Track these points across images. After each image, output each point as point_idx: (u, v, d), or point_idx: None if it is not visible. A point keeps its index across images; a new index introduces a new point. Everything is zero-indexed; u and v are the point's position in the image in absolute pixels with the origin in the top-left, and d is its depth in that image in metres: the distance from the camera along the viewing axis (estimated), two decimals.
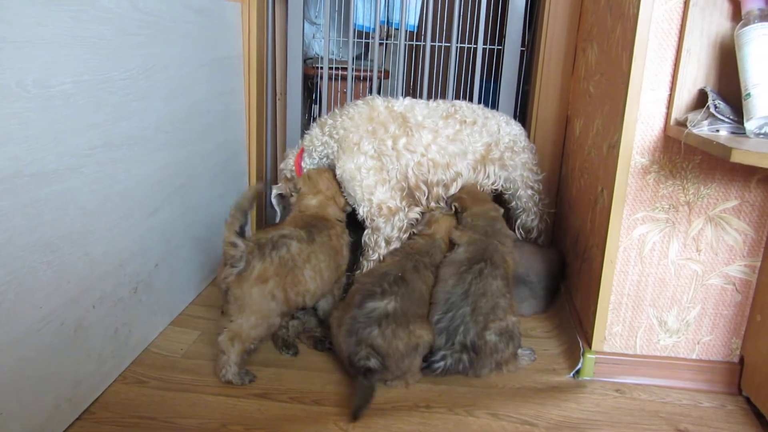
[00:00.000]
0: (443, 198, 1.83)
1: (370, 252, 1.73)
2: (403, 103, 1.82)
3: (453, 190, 1.82)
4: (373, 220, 1.72)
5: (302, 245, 1.50)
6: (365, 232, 1.75)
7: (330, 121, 1.81)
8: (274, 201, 1.90)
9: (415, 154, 1.76)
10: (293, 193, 1.77)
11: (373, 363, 1.36)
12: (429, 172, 1.78)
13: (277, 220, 1.88)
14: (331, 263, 1.58)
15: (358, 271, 1.75)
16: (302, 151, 1.88)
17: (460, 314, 1.45)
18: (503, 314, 1.48)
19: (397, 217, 1.71)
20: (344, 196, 1.76)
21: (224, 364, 1.44)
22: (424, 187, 1.79)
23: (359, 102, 1.82)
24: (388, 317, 1.40)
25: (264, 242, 1.44)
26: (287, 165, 1.90)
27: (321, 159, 1.82)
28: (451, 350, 1.44)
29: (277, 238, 1.47)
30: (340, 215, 1.73)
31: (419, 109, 1.81)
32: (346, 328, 1.42)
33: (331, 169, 1.81)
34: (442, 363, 1.43)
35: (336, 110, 1.84)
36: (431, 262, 1.62)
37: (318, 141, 1.82)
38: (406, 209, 1.74)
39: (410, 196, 1.79)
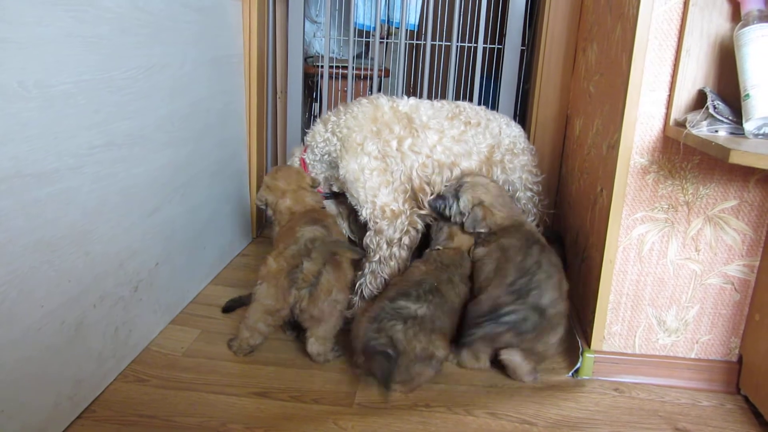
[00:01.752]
0: None
1: (372, 253, 1.73)
2: (408, 103, 1.80)
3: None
4: (377, 222, 1.71)
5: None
6: (367, 233, 1.74)
7: (333, 119, 1.79)
8: None
9: (420, 155, 1.74)
10: (264, 207, 1.79)
11: (391, 351, 1.35)
12: (434, 173, 1.76)
13: None
14: None
15: (359, 273, 1.75)
16: (306, 148, 1.88)
17: (536, 280, 1.43)
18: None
19: (399, 220, 1.70)
20: (311, 177, 1.81)
21: (325, 359, 1.56)
22: (427, 189, 1.77)
23: (363, 101, 1.80)
24: (415, 319, 1.40)
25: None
26: (294, 163, 1.90)
27: (322, 155, 1.81)
28: (522, 306, 1.41)
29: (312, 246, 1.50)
30: (320, 200, 1.75)
31: (424, 109, 1.79)
32: (371, 314, 1.42)
33: (296, 167, 1.84)
34: (512, 317, 1.39)
35: (340, 107, 1.82)
36: (463, 274, 1.61)
37: (320, 137, 1.81)
38: (408, 212, 1.73)
39: (412, 198, 1.78)
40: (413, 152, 1.73)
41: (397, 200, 1.71)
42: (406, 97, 1.83)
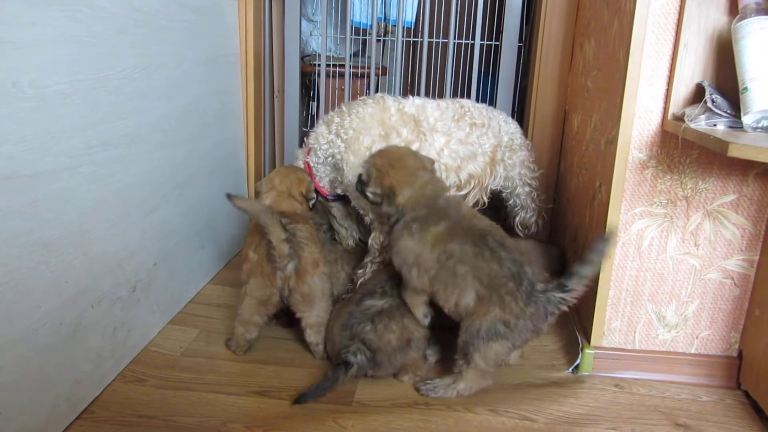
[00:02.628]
0: None
1: (377, 254, 1.72)
2: (414, 104, 1.76)
3: (465, 191, 1.80)
4: None
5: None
6: (372, 235, 1.73)
7: (337, 120, 1.74)
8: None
9: None
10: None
11: (354, 359, 1.37)
12: (441, 176, 1.75)
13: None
14: None
15: (361, 271, 1.74)
16: (310, 150, 1.84)
17: None
18: None
19: None
20: (307, 184, 1.73)
21: (321, 355, 1.57)
22: None
23: (369, 101, 1.75)
24: (382, 313, 1.41)
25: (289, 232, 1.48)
26: (298, 165, 1.88)
27: (326, 158, 1.77)
28: None
29: (287, 224, 1.49)
30: (300, 209, 1.68)
31: (431, 110, 1.76)
32: (341, 321, 1.44)
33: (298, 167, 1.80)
34: None
35: (343, 107, 1.77)
36: None
37: (323, 139, 1.75)
38: None
39: None
40: None
41: None
42: (411, 97, 1.79)
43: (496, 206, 2.08)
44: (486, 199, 1.86)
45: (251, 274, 1.49)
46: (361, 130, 1.68)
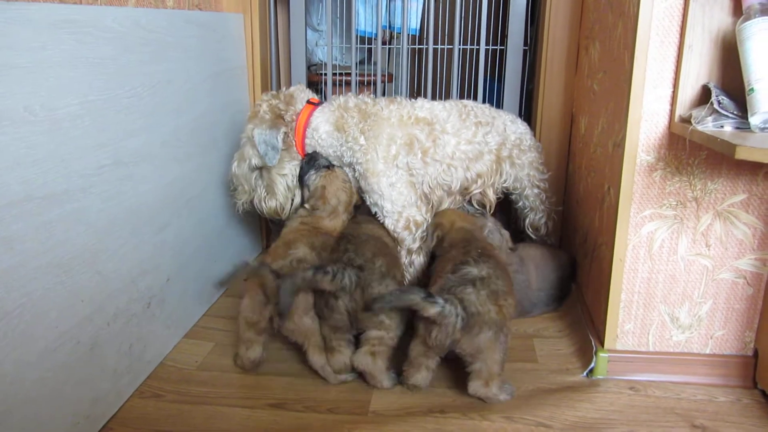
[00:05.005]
0: (463, 203, 1.86)
1: None
2: (423, 107, 1.79)
3: (473, 190, 1.82)
4: (398, 233, 1.72)
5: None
6: None
7: (363, 109, 1.74)
8: (279, 140, 1.76)
9: (441, 163, 1.74)
10: (306, 209, 1.73)
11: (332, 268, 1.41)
12: (452, 178, 1.77)
13: (274, 162, 1.78)
14: None
15: None
16: (314, 108, 1.80)
17: None
18: None
19: (420, 229, 1.71)
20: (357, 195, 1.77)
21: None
22: (445, 196, 1.79)
23: (392, 105, 1.76)
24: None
25: None
26: (289, 110, 1.79)
27: (341, 147, 1.75)
28: None
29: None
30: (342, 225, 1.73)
31: (439, 111, 1.79)
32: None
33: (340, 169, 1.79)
34: None
35: (368, 99, 1.77)
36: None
37: (351, 131, 1.72)
38: (428, 220, 1.74)
39: (432, 206, 1.78)
40: (435, 161, 1.73)
41: (420, 210, 1.72)
42: (420, 100, 1.82)
43: (506, 209, 2.09)
44: (493, 198, 1.87)
45: (246, 292, 1.48)
46: (390, 138, 1.70)
